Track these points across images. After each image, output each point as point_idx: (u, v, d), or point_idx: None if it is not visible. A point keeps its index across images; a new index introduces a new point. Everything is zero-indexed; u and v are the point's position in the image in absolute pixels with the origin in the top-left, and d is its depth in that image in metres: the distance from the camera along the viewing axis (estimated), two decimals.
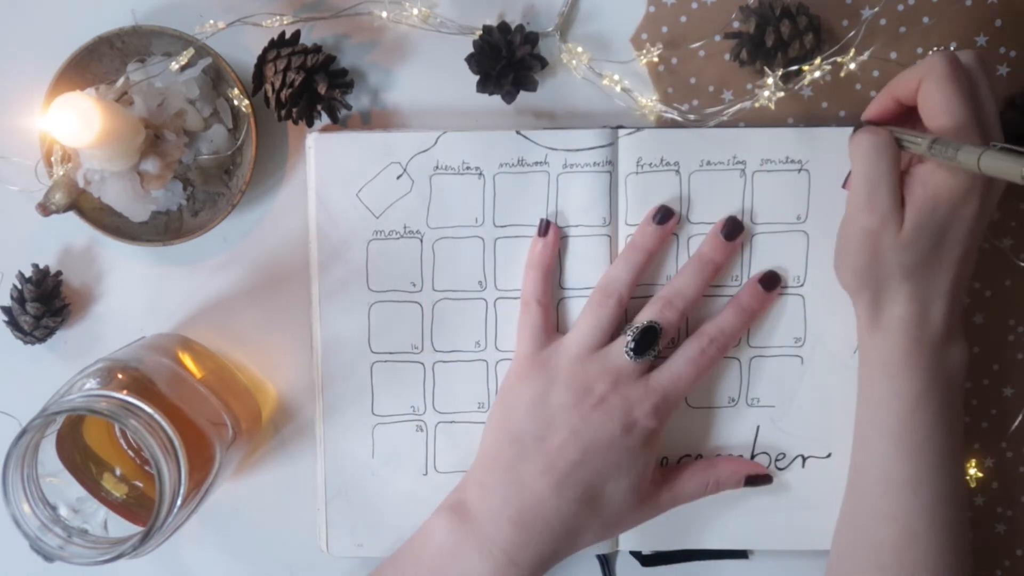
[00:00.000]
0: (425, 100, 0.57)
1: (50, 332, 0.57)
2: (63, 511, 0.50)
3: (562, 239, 0.56)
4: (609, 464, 0.52)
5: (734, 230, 0.55)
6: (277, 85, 0.53)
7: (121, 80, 0.54)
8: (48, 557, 0.47)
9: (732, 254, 0.56)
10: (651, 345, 0.53)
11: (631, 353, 0.53)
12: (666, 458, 0.58)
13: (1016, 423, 0.58)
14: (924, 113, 0.49)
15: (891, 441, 0.51)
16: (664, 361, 0.54)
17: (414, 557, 0.53)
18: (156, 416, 0.47)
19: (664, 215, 0.55)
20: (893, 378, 0.51)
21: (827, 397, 0.57)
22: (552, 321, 0.56)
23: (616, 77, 0.56)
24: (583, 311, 0.55)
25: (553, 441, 0.52)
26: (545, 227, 0.55)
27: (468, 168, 0.56)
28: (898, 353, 0.51)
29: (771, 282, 0.56)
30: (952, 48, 0.55)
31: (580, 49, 0.56)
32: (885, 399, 0.52)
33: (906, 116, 0.51)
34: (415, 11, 0.55)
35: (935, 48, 0.56)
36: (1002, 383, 0.58)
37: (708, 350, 0.54)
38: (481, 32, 0.55)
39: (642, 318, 0.54)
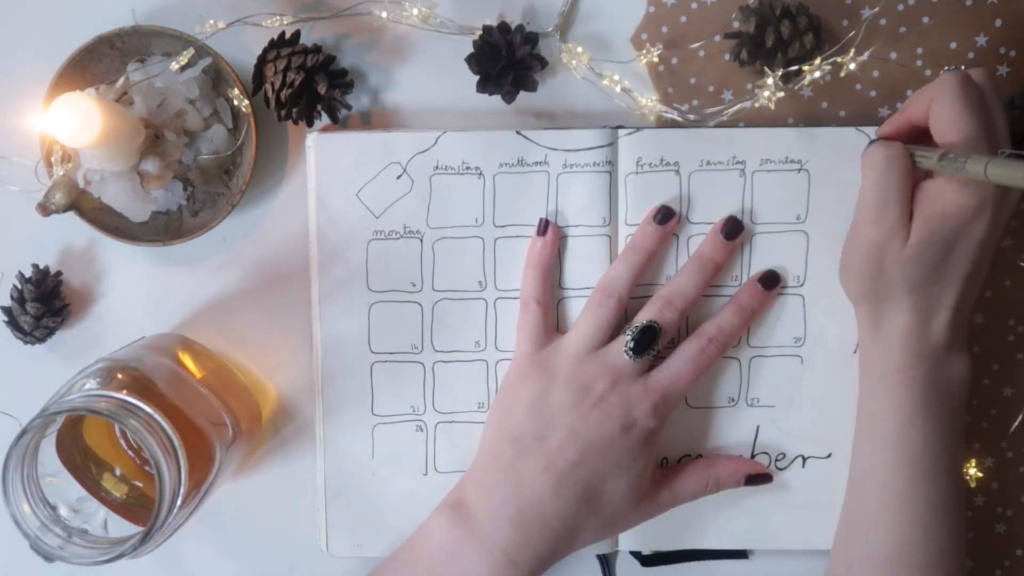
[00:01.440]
0: (425, 100, 0.57)
1: (50, 332, 0.57)
2: (63, 511, 0.50)
3: (562, 239, 0.56)
4: (608, 463, 0.52)
5: (734, 229, 0.55)
6: (277, 85, 0.53)
7: (121, 80, 0.54)
8: (48, 557, 0.47)
9: (732, 253, 0.56)
10: (651, 344, 0.53)
11: (630, 353, 0.53)
12: (666, 458, 0.58)
13: (1016, 423, 0.58)
14: (935, 130, 0.49)
15: (888, 452, 0.52)
16: (663, 361, 0.54)
17: (414, 556, 0.53)
18: (156, 416, 0.47)
19: (665, 215, 0.55)
20: (892, 389, 0.51)
21: (827, 397, 0.57)
22: (551, 321, 0.56)
23: (616, 77, 0.56)
24: (583, 311, 0.55)
25: (552, 441, 0.52)
26: (544, 226, 0.55)
27: (468, 168, 0.56)
28: (897, 364, 0.51)
29: (770, 281, 0.56)
30: (961, 68, 0.55)
31: (580, 49, 0.56)
32: (883, 409, 0.52)
33: (919, 138, 0.51)
34: (415, 11, 0.55)
35: (934, 48, 0.56)
36: (1002, 383, 0.58)
37: (707, 349, 0.54)
38: (481, 32, 0.55)
39: (641, 318, 0.54)
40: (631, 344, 0.53)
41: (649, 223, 0.55)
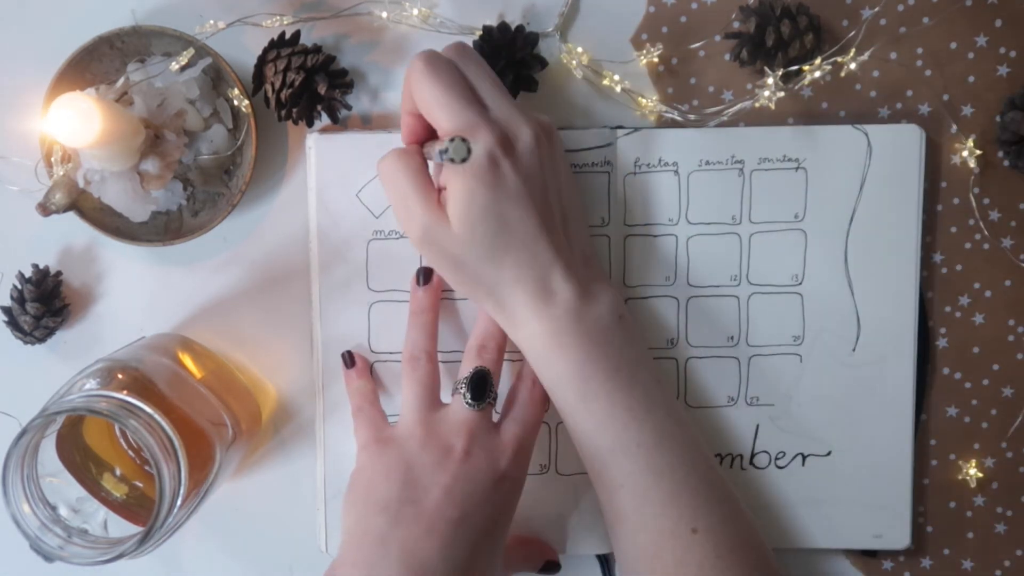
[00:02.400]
0: None
1: (50, 332, 0.57)
2: (63, 511, 0.50)
3: None
4: (489, 517, 0.50)
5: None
6: (277, 85, 0.53)
7: (121, 80, 0.54)
8: (48, 557, 0.47)
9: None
10: (486, 388, 0.52)
11: (471, 402, 0.51)
12: None
13: (1016, 423, 0.58)
14: (426, 117, 0.49)
15: (581, 417, 0.50)
16: (505, 409, 0.53)
17: None
18: (156, 416, 0.47)
19: (425, 275, 0.55)
20: (553, 361, 0.50)
21: (826, 395, 0.57)
22: (384, 416, 0.55)
23: (616, 77, 0.56)
24: (402, 386, 0.53)
25: (427, 502, 0.49)
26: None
27: None
28: (542, 337, 0.50)
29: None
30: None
31: (580, 49, 0.56)
32: (556, 382, 0.50)
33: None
34: (415, 11, 0.55)
35: (934, 48, 0.56)
36: (1002, 383, 0.58)
37: (535, 389, 0.53)
38: (481, 32, 0.55)
39: (465, 369, 0.53)
40: (468, 394, 0.51)
41: (416, 289, 0.55)
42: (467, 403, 0.51)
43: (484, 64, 0.51)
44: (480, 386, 0.52)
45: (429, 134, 0.51)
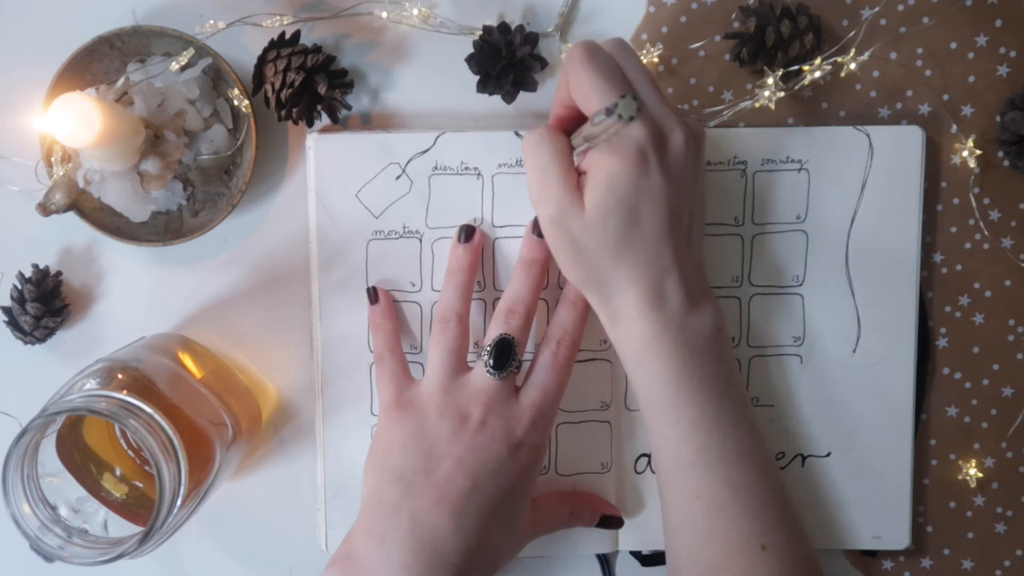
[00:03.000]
0: (425, 100, 0.57)
1: (50, 332, 0.57)
2: (63, 511, 0.50)
3: None
4: (502, 487, 0.50)
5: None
6: (277, 85, 0.53)
7: (121, 80, 0.54)
8: (48, 557, 0.47)
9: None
10: (509, 357, 0.52)
11: (492, 371, 0.51)
12: None
13: (1016, 423, 0.58)
14: (579, 104, 0.48)
15: (668, 423, 0.50)
16: (527, 375, 0.53)
17: None
18: (156, 416, 0.47)
19: (467, 233, 0.55)
20: (648, 365, 0.50)
21: (826, 396, 0.57)
22: (407, 367, 0.55)
23: None
24: (429, 346, 0.54)
25: (439, 472, 0.50)
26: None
27: (467, 168, 0.56)
28: (641, 339, 0.49)
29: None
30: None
31: None
32: (648, 386, 0.50)
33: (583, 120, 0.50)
34: (415, 11, 0.55)
35: (934, 48, 0.56)
36: (1002, 383, 0.58)
37: (559, 352, 0.53)
38: (481, 32, 0.55)
39: (491, 335, 0.52)
40: (490, 362, 0.52)
41: (457, 246, 0.55)
42: (488, 371, 0.52)
43: (641, 62, 0.50)
44: (503, 354, 0.52)
45: (577, 126, 0.50)
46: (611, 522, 0.57)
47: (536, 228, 0.54)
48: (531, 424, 0.51)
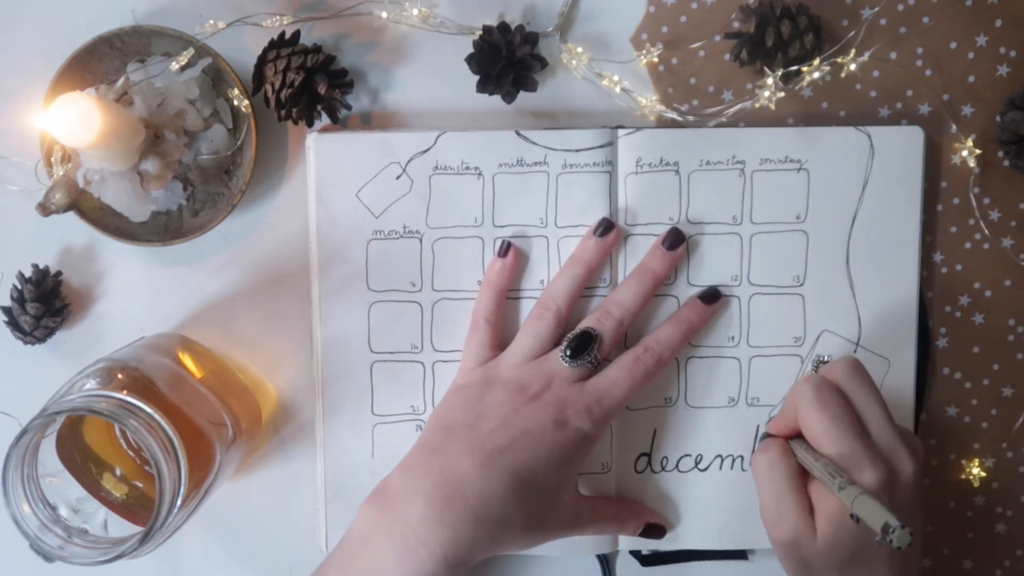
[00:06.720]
0: (425, 100, 0.57)
1: (50, 332, 0.57)
2: (63, 511, 0.50)
3: (561, 240, 0.56)
4: (539, 456, 0.51)
5: (676, 241, 0.55)
6: (277, 85, 0.53)
7: (121, 80, 0.54)
8: (48, 557, 0.47)
9: (674, 265, 0.56)
10: (586, 350, 0.53)
11: (567, 358, 0.53)
12: (666, 457, 0.58)
13: (1017, 423, 0.58)
14: (810, 441, 0.49)
15: None
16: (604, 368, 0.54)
17: (339, 549, 0.51)
18: (156, 416, 0.47)
19: (606, 228, 0.55)
20: None
21: None
22: (497, 341, 0.56)
23: (616, 77, 0.56)
24: (523, 325, 0.55)
25: (482, 427, 0.51)
26: (505, 249, 0.56)
27: (467, 168, 0.56)
28: None
29: (711, 297, 0.56)
30: (825, 360, 0.57)
31: (580, 49, 0.56)
32: None
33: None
34: (415, 11, 0.55)
35: (934, 48, 0.56)
36: (1002, 383, 0.58)
37: (643, 358, 0.54)
38: (481, 32, 0.55)
39: (579, 327, 0.54)
40: (567, 350, 0.53)
41: (590, 236, 0.55)
42: (564, 358, 0.53)
43: (873, 385, 0.50)
44: (582, 345, 0.53)
45: (797, 431, 0.51)
46: (655, 531, 0.57)
47: (668, 240, 0.55)
48: (585, 409, 0.52)
